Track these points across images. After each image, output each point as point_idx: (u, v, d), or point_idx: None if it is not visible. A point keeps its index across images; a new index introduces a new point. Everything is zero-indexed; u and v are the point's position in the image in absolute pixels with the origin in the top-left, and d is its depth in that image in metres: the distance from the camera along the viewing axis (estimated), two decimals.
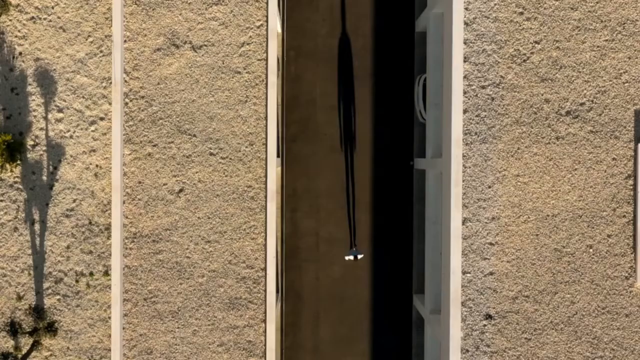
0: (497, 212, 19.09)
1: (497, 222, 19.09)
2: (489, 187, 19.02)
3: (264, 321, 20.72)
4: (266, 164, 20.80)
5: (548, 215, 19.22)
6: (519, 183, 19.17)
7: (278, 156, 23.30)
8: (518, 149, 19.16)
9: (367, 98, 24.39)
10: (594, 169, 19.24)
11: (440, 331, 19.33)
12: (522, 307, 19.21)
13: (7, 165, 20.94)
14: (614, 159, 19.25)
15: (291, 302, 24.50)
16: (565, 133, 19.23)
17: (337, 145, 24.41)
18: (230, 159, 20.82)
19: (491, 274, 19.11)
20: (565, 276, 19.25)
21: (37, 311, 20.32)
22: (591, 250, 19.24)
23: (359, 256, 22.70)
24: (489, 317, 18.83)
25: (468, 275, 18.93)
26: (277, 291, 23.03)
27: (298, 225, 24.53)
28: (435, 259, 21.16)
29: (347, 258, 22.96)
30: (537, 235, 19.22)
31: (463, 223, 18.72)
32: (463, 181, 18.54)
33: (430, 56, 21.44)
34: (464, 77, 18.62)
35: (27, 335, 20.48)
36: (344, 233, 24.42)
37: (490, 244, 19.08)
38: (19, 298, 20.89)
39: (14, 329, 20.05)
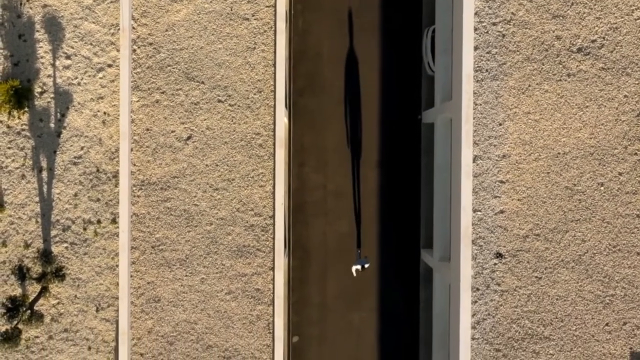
0: (507, 150, 19.00)
1: (508, 160, 19.01)
2: (500, 124, 18.94)
3: (272, 269, 20.64)
4: (274, 111, 20.72)
5: (559, 153, 19.14)
6: (529, 120, 19.08)
7: (285, 107, 23.22)
8: (529, 86, 19.07)
9: (375, 52, 24.30)
10: (605, 106, 19.16)
11: (451, 272, 19.24)
12: (533, 245, 19.12)
13: (15, 112, 20.88)
14: (625, 96, 19.16)
15: (298, 256, 24.41)
16: (576, 70, 19.14)
17: (344, 99, 24.33)
18: (239, 106, 20.75)
19: (502, 212, 19.03)
20: (576, 214, 19.17)
21: (45, 255, 20.23)
22: (602, 188, 19.15)
23: (366, 265, 22.41)
24: (499, 255, 18.75)
25: (478, 213, 18.85)
26: (285, 246, 22.94)
27: (305, 179, 24.45)
28: (444, 208, 21.08)
29: (354, 269, 22.81)
30: (548, 173, 19.13)
31: (474, 161, 18.64)
32: (474, 119, 18.46)
33: (439, 5, 21.36)
34: (475, 14, 18.54)
35: (34, 282, 20.40)
36: (351, 188, 24.34)
37: (501, 181, 18.99)
38: (27, 246, 20.82)
39: (22, 274, 19.96)
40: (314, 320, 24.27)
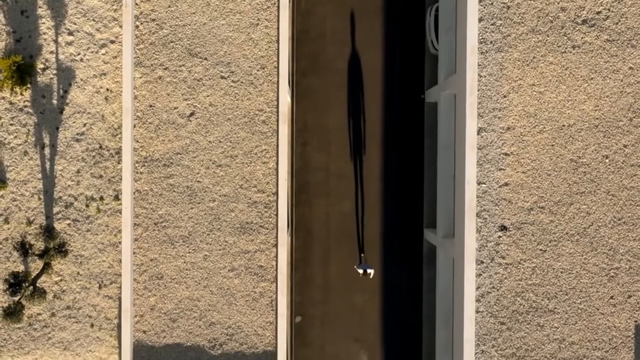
0: (512, 122, 18.93)
1: (513, 132, 18.94)
2: (504, 96, 18.88)
3: (275, 246, 20.57)
4: (278, 87, 20.66)
5: (564, 125, 19.08)
6: (534, 92, 19.03)
7: (288, 87, 23.15)
8: (534, 58, 19.02)
9: (378, 32, 24.26)
10: (610, 78, 19.09)
11: (455, 246, 19.17)
12: (538, 218, 19.06)
13: (17, 89, 20.82)
14: (630, 68, 19.10)
15: (301, 237, 24.36)
16: (581, 42, 19.08)
17: (347, 79, 24.28)
18: (242, 82, 20.69)
19: (506, 184, 18.97)
20: (581, 187, 19.11)
21: (48, 230, 20.17)
22: (607, 160, 19.09)
23: (369, 270, 22.41)
24: (504, 228, 18.68)
25: (483, 185, 18.79)
26: (288, 226, 22.88)
27: (308, 160, 24.40)
28: (448, 185, 21.02)
29: (358, 269, 22.82)
30: (552, 145, 19.07)
31: (478, 133, 18.58)
32: (478, 91, 18.40)
33: None
34: None
35: (37, 258, 20.34)
36: (353, 168, 24.29)
37: (506, 154, 18.93)
38: (29, 223, 20.75)
39: (24, 249, 19.89)
40: (317, 301, 24.22)
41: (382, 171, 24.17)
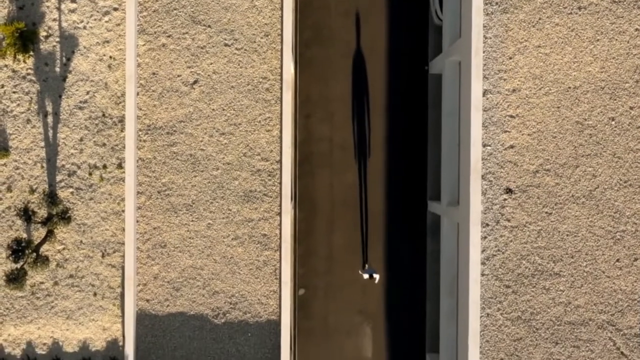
0: (517, 84, 18.84)
1: (518, 94, 18.85)
2: (510, 58, 18.78)
3: (279, 214, 20.50)
4: (282, 54, 20.58)
5: (569, 87, 18.99)
6: (540, 54, 18.92)
7: (292, 56, 23.07)
8: (539, 19, 18.91)
9: (381, 3, 24.18)
10: (616, 39, 18.99)
11: (460, 210, 19.09)
12: (543, 180, 18.97)
13: (20, 56, 20.73)
14: (637, 29, 18.99)
15: (304, 209, 24.29)
16: (587, 3, 18.98)
17: (351, 50, 24.20)
18: (245, 50, 20.60)
19: (512, 147, 18.88)
20: (587, 149, 19.02)
21: (51, 196, 20.10)
22: (613, 122, 19.00)
23: (375, 275, 22.40)
24: (509, 191, 18.60)
25: (488, 148, 18.70)
26: (291, 198, 22.81)
27: (312, 131, 24.32)
28: (453, 153, 20.95)
29: (364, 275, 22.80)
30: (558, 107, 18.98)
31: (483, 95, 18.48)
32: (483, 52, 18.30)
33: None
34: None
35: (40, 226, 20.27)
36: (357, 140, 24.21)
37: (511, 116, 18.84)
38: (32, 191, 20.69)
39: (27, 216, 19.81)
40: (320, 273, 24.17)
41: (386, 143, 24.09)
